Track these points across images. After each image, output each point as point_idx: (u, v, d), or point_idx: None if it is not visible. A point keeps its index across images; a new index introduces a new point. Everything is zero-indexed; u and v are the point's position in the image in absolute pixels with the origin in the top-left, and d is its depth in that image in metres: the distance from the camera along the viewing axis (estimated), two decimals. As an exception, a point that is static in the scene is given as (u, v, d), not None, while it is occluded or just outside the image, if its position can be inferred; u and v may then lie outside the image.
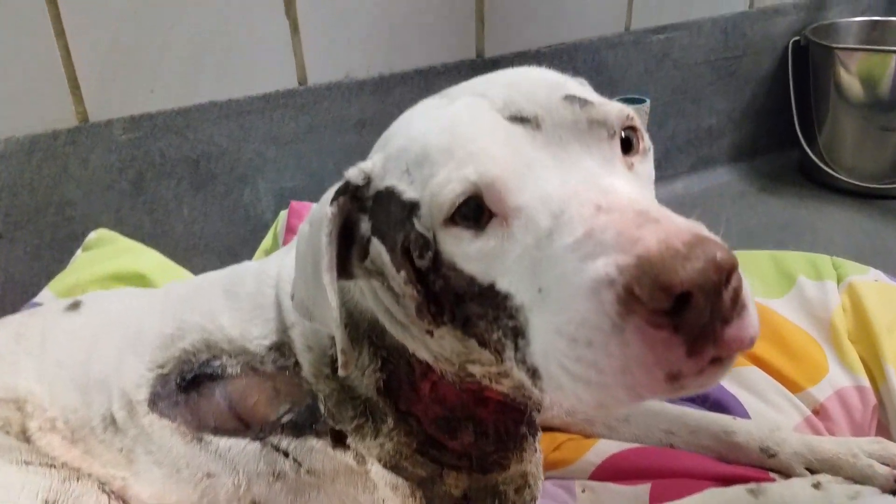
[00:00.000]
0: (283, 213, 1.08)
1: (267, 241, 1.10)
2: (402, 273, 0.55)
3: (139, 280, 1.00)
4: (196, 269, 1.23)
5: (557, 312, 0.44)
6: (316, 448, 0.70)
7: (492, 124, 0.51)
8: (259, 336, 0.72)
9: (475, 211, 0.49)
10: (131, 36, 1.06)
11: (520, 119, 0.51)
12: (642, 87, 1.53)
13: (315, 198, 1.26)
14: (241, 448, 0.69)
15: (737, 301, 0.41)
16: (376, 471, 0.70)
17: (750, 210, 1.61)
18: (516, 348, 0.49)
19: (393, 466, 0.69)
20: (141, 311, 0.79)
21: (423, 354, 0.65)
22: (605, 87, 1.49)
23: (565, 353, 0.44)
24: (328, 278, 0.56)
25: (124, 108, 1.11)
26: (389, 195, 0.55)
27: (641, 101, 1.39)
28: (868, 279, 1.07)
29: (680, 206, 0.48)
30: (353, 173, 0.58)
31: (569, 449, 0.92)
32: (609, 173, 0.50)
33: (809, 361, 0.99)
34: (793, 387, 0.97)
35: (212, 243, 1.22)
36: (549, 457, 0.92)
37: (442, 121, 0.53)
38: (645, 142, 0.56)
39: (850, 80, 1.59)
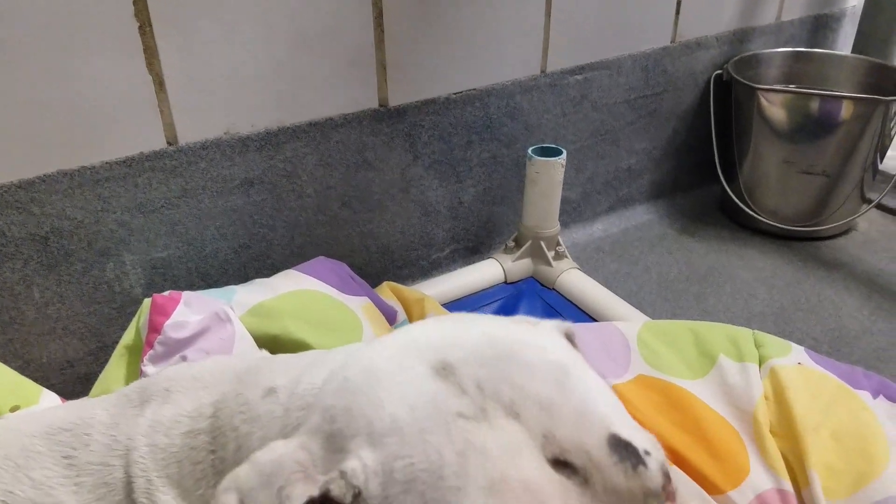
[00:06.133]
0: (147, 303, 0.93)
1: (129, 336, 0.94)
2: None
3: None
4: (54, 356, 1.07)
5: None
6: None
7: (542, 480, 0.41)
8: None
9: None
10: (-45, 96, 0.90)
11: (564, 464, 0.42)
12: (559, 131, 1.44)
13: (196, 267, 1.13)
14: None
15: None
16: None
17: (670, 256, 1.55)
18: None
19: None
20: None
21: None
22: (520, 133, 1.39)
23: None
24: None
25: (-47, 180, 0.94)
26: None
27: (558, 153, 1.29)
28: (790, 363, 1.01)
29: (598, 250, 0.42)
30: (337, 484, 0.44)
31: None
32: None
33: (731, 461, 0.92)
34: (713, 489, 0.89)
35: (71, 326, 1.06)
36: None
37: (479, 462, 0.41)
38: (672, 486, 0.47)
39: (773, 121, 1.53)
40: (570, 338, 0.57)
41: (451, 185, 1.35)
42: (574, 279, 1.36)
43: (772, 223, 1.59)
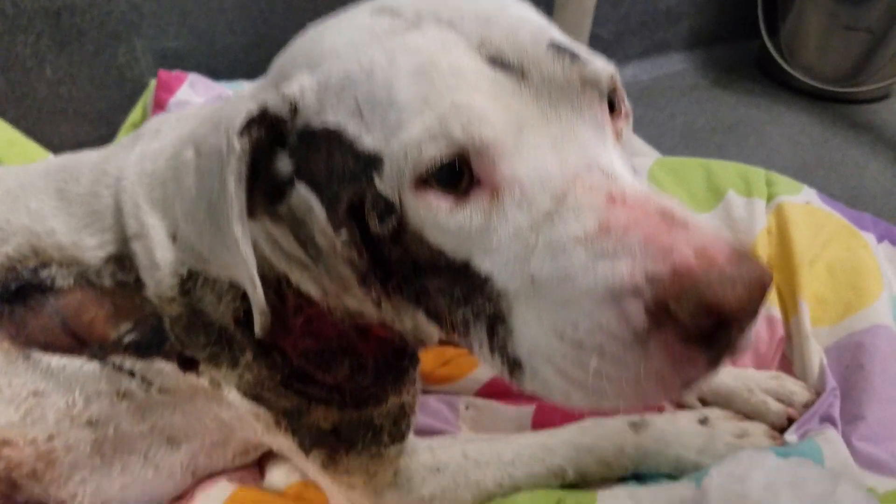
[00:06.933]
0: (154, 82, 0.94)
1: (135, 114, 0.96)
2: (343, 233, 0.46)
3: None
4: (65, 138, 1.09)
5: (558, 310, 0.40)
6: (166, 370, 0.63)
7: (473, 69, 0.42)
8: (94, 247, 0.62)
9: (454, 174, 0.41)
10: None
11: (501, 63, 0.42)
12: (595, -43, 1.36)
13: (206, 62, 1.12)
14: (78, 367, 0.62)
15: (758, 314, 0.38)
16: (234, 398, 0.64)
17: (698, 106, 1.50)
18: (492, 334, 0.44)
19: (254, 396, 0.63)
20: None
21: (310, 288, 0.58)
22: (552, -46, 1.31)
23: (564, 356, 0.40)
24: (239, 230, 0.46)
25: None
26: (332, 138, 0.44)
27: (589, -24, 1.23)
28: (799, 200, 0.99)
29: (626, 95, 0.46)
30: (274, 100, 0.46)
31: (457, 365, 0.87)
32: (603, 148, 0.43)
33: (721, 287, 0.92)
34: (699, 312, 0.91)
35: (82, 108, 1.07)
36: (436, 372, 0.87)
37: (409, 57, 0.42)
38: (626, 104, 0.49)
39: (824, -32, 1.44)
40: None
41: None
42: (592, 117, 1.33)
43: (808, 81, 1.52)
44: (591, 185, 0.40)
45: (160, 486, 0.71)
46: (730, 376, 0.81)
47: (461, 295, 0.44)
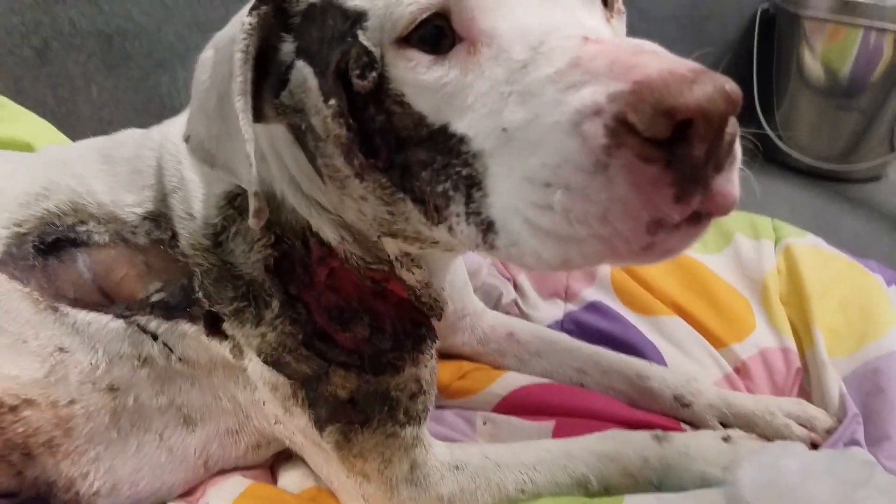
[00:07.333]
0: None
1: (177, 129, 1.00)
2: (332, 103, 0.47)
3: (25, 150, 0.90)
4: (101, 159, 1.13)
5: (527, 155, 0.39)
6: (189, 334, 0.63)
7: None
8: (133, 204, 0.65)
9: (435, 34, 0.43)
10: None
11: None
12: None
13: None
14: (103, 324, 0.62)
15: (731, 148, 0.37)
16: (254, 368, 0.64)
17: (699, 178, 1.57)
18: (468, 200, 0.43)
19: (274, 361, 0.63)
20: (9, 170, 0.70)
21: (328, 234, 0.60)
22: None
23: (533, 203, 0.39)
24: (241, 104, 0.48)
25: (33, -34, 1.00)
26: (327, 7, 0.47)
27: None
28: (806, 243, 1.03)
29: None
30: None
31: (475, 379, 0.87)
32: (591, 16, 0.44)
33: (736, 318, 0.94)
34: (716, 342, 0.92)
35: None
36: (454, 385, 0.86)
37: None
38: (619, 3, 0.51)
39: (814, 54, 1.55)
40: None
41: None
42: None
43: (804, 159, 1.60)
44: (566, 32, 0.40)
45: (171, 472, 0.69)
46: (751, 400, 0.81)
47: (441, 165, 0.44)
